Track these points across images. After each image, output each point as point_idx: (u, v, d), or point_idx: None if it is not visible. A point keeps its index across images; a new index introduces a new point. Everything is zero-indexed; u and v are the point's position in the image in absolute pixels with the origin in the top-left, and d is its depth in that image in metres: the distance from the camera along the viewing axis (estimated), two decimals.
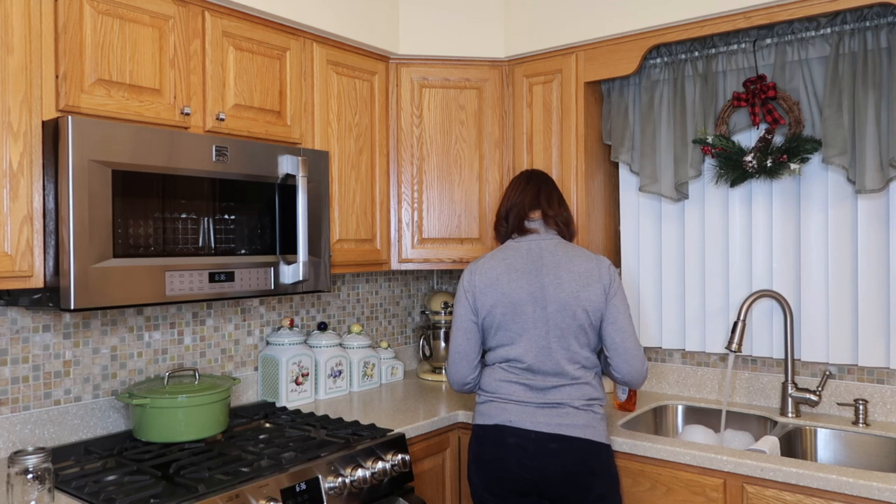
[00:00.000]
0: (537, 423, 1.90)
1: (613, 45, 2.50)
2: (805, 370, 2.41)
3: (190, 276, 1.87)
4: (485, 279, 2.02)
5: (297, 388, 2.53)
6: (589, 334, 1.95)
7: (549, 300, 1.94)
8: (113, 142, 1.71)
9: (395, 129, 2.71)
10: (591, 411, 1.92)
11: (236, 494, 1.64)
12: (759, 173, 2.33)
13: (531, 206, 2.07)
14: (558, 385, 1.92)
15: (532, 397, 1.93)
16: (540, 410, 1.92)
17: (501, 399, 1.97)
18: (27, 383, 1.96)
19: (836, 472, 1.76)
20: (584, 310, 1.93)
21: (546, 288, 1.95)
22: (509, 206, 2.11)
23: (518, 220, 2.08)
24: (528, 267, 1.99)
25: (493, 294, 1.99)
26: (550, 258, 1.99)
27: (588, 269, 1.97)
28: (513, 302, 1.97)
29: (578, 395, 1.92)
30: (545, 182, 2.13)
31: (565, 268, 1.97)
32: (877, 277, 2.23)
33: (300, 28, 2.31)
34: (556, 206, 2.08)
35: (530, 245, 2.03)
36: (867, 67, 2.15)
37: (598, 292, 1.95)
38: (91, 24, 1.76)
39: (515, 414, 1.93)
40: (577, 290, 1.94)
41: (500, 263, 2.03)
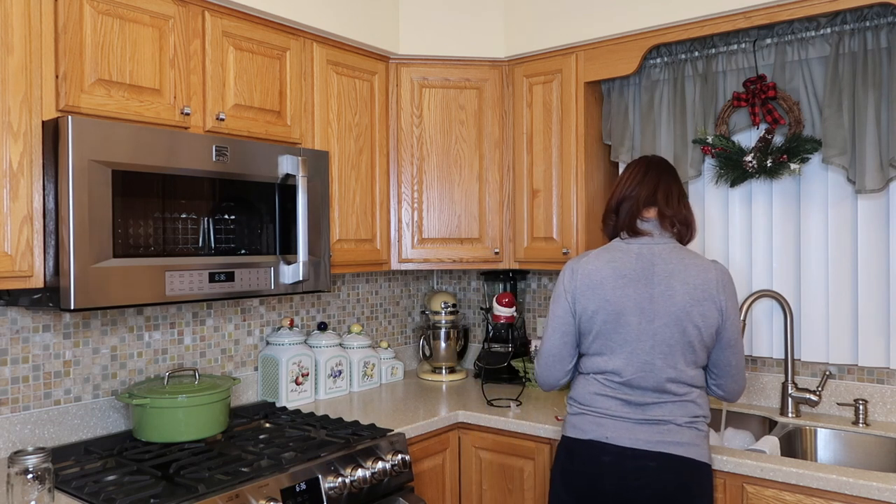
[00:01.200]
0: (636, 441, 1.76)
1: (613, 45, 2.50)
2: (805, 370, 2.41)
3: (190, 276, 1.87)
4: (587, 281, 1.85)
5: (297, 388, 2.53)
6: (698, 352, 1.79)
7: (657, 313, 1.77)
8: (113, 142, 1.71)
9: (395, 129, 2.71)
10: (695, 428, 1.78)
11: (236, 494, 1.64)
12: (759, 173, 2.33)
13: (646, 203, 1.86)
14: (659, 402, 1.78)
15: (630, 412, 1.78)
16: (639, 426, 1.77)
17: (596, 413, 1.82)
18: (27, 383, 1.96)
19: (836, 472, 1.76)
20: (695, 326, 1.77)
21: (655, 299, 1.78)
22: (622, 198, 1.90)
23: (630, 217, 1.87)
24: (638, 274, 1.81)
25: (596, 299, 1.82)
26: (663, 266, 1.81)
27: (705, 282, 1.79)
28: (617, 310, 1.80)
29: (682, 412, 1.77)
30: (666, 173, 1.90)
31: (679, 278, 1.79)
32: (877, 277, 2.23)
33: (300, 28, 2.31)
34: (675, 204, 1.86)
35: (641, 249, 1.84)
36: (867, 67, 2.15)
37: (713, 309, 1.78)
38: (91, 24, 1.76)
39: (612, 430, 1.79)
40: (690, 305, 1.77)
41: (605, 266, 1.85)
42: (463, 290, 3.33)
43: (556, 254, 2.63)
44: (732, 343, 1.83)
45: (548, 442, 2.25)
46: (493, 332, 3.01)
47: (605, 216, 1.96)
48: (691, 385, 1.80)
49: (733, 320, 1.82)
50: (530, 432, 2.27)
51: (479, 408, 2.46)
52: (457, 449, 2.43)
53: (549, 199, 2.65)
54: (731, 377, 1.86)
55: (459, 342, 3.04)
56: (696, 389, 1.81)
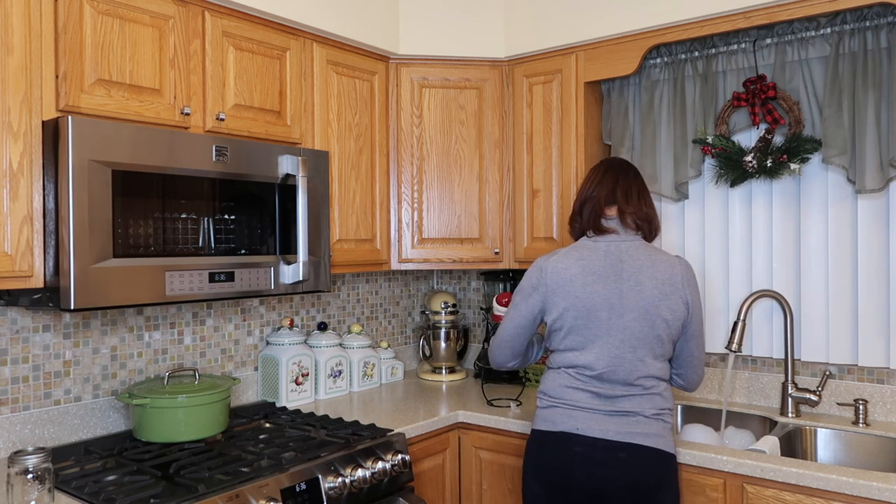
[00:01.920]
0: (606, 432, 1.81)
1: (613, 45, 2.50)
2: (805, 370, 2.41)
3: (190, 276, 1.87)
4: (557, 279, 1.89)
5: (297, 388, 2.53)
6: (665, 345, 1.86)
7: (627, 307, 1.83)
8: (113, 142, 1.71)
9: (395, 129, 2.71)
10: (661, 420, 1.84)
11: (236, 494, 1.64)
12: (759, 173, 2.33)
13: (607, 201, 1.93)
14: (628, 395, 1.83)
15: (600, 405, 1.84)
16: (609, 418, 1.82)
17: (567, 405, 1.87)
18: (27, 383, 1.96)
19: (836, 472, 1.76)
20: (664, 320, 1.84)
21: (625, 294, 1.84)
22: (584, 200, 1.97)
23: (593, 216, 1.93)
24: (607, 270, 1.87)
25: (566, 297, 1.87)
26: (631, 262, 1.87)
27: (671, 276, 1.86)
28: (587, 307, 1.85)
29: (649, 405, 1.83)
30: (624, 173, 1.97)
31: (647, 273, 1.85)
32: (877, 277, 2.23)
33: (300, 28, 2.31)
34: (634, 202, 1.92)
35: (609, 246, 1.90)
36: (867, 67, 2.15)
37: (679, 303, 1.86)
38: (91, 24, 1.76)
39: (583, 421, 1.84)
40: (659, 299, 1.83)
41: (575, 263, 1.90)
42: (463, 290, 3.33)
43: None
44: (696, 335, 1.92)
45: None
46: (493, 332, 3.01)
47: (571, 219, 2.02)
48: (658, 378, 1.87)
49: (697, 313, 1.91)
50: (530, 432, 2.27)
51: (479, 408, 2.46)
52: (457, 449, 2.43)
53: (549, 199, 2.65)
54: (692, 367, 1.95)
55: (459, 342, 3.04)
56: (663, 382, 1.88)
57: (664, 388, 1.88)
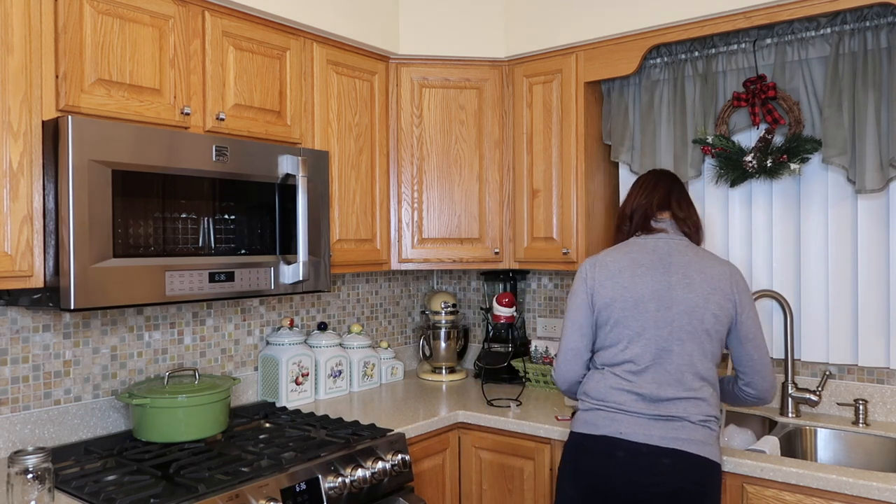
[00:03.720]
0: (650, 437, 1.74)
1: (613, 45, 2.50)
2: (805, 370, 2.41)
3: (190, 276, 1.87)
4: (606, 272, 1.89)
5: (297, 388, 2.53)
6: (714, 342, 1.81)
7: (675, 300, 1.80)
8: (113, 142, 1.71)
9: (395, 129, 2.71)
10: (707, 428, 1.77)
11: (236, 494, 1.64)
12: (759, 173, 2.33)
13: (660, 207, 1.95)
14: (674, 398, 1.77)
15: (645, 408, 1.77)
16: (654, 423, 1.76)
17: (611, 408, 1.81)
18: (27, 383, 1.96)
19: (836, 472, 1.76)
20: (713, 314, 1.80)
21: (674, 287, 1.82)
22: (635, 206, 1.98)
23: (644, 219, 1.95)
24: (656, 263, 1.86)
25: (614, 287, 1.86)
26: (680, 257, 1.86)
27: (720, 273, 1.84)
28: (635, 298, 1.83)
29: (696, 411, 1.76)
30: (676, 183, 2.01)
31: (696, 268, 1.84)
32: (877, 277, 2.23)
33: (300, 28, 2.31)
34: (686, 209, 1.97)
35: (657, 242, 1.90)
36: (867, 67, 2.15)
37: (728, 300, 1.82)
38: (91, 24, 1.76)
39: (626, 425, 1.77)
40: (708, 293, 1.81)
41: (623, 257, 1.90)
42: (463, 290, 3.33)
43: (556, 254, 2.63)
44: (751, 337, 1.86)
45: (548, 442, 2.25)
46: (493, 332, 3.01)
47: (620, 224, 2.03)
48: (704, 379, 1.80)
49: (749, 314, 1.85)
50: (530, 432, 2.27)
51: (479, 408, 2.46)
52: (457, 449, 2.43)
53: (549, 199, 2.65)
54: (757, 373, 1.88)
55: (459, 342, 3.04)
56: (709, 386, 1.81)
57: (710, 393, 1.80)
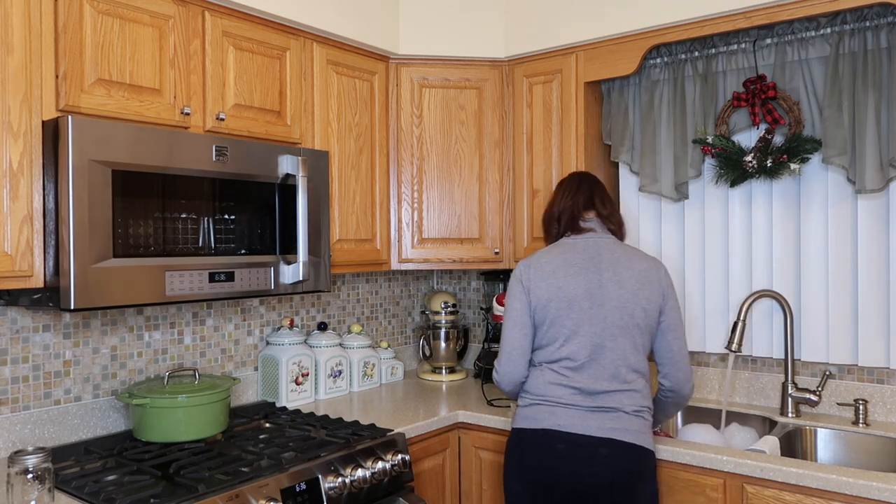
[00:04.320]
0: (588, 427, 1.83)
1: (613, 45, 2.50)
2: (805, 370, 2.41)
3: (190, 276, 1.87)
4: (540, 272, 1.96)
5: (297, 388, 2.53)
6: (644, 335, 1.90)
7: (607, 297, 1.89)
8: (113, 142, 1.71)
9: (395, 129, 2.71)
10: (641, 418, 1.87)
11: (236, 494, 1.64)
12: (759, 173, 2.33)
13: (586, 207, 2.04)
14: (610, 390, 1.85)
15: (582, 401, 1.86)
16: (591, 414, 1.84)
17: (549, 402, 1.89)
18: (27, 383, 1.96)
19: (836, 472, 1.76)
20: (642, 308, 1.89)
21: (605, 285, 1.90)
22: (562, 208, 2.07)
23: (572, 219, 2.04)
24: (587, 263, 1.94)
25: (549, 288, 1.93)
26: (609, 255, 1.95)
27: (647, 268, 1.94)
28: (568, 296, 1.90)
29: (630, 402, 1.86)
30: (598, 184, 2.10)
31: (625, 265, 1.93)
32: (877, 277, 2.23)
33: (300, 28, 2.31)
34: (609, 207, 2.06)
35: (587, 242, 1.98)
36: (867, 67, 2.15)
37: (657, 293, 1.92)
38: (91, 24, 1.76)
39: (565, 418, 1.85)
40: (637, 288, 1.90)
41: (557, 258, 1.97)
42: (463, 290, 3.33)
43: None
44: (673, 328, 1.94)
45: None
46: (493, 332, 3.01)
47: (548, 227, 2.12)
48: (637, 371, 1.89)
49: (673, 306, 1.95)
50: None
51: (479, 408, 2.46)
52: (457, 449, 2.43)
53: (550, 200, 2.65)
54: (674, 364, 1.95)
55: (459, 342, 3.04)
56: (642, 378, 1.90)
57: (643, 384, 1.90)
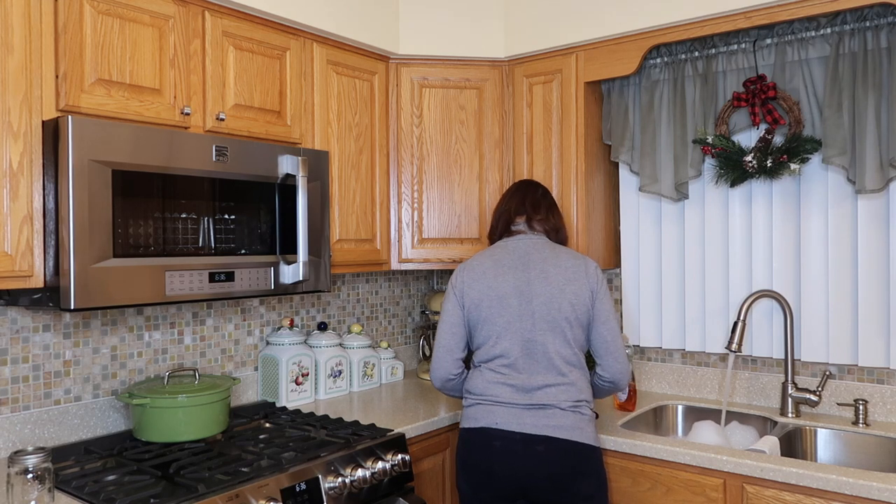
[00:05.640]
0: (524, 425, 1.89)
1: (613, 45, 2.50)
2: (805, 370, 2.41)
3: (190, 276, 1.87)
4: (472, 274, 2.05)
5: (297, 388, 2.53)
6: (574, 329, 1.96)
7: (534, 293, 1.96)
8: (113, 142, 1.71)
9: (395, 129, 2.71)
10: (578, 412, 1.91)
11: (236, 494, 1.64)
12: (759, 173, 2.33)
13: (517, 212, 2.14)
14: (544, 385, 1.92)
15: (519, 398, 1.92)
16: (527, 412, 1.91)
17: (488, 401, 1.96)
18: (27, 383, 1.96)
19: (836, 472, 1.76)
20: (569, 303, 1.95)
21: (532, 282, 1.98)
22: (499, 214, 2.18)
23: (505, 224, 2.15)
24: (516, 262, 2.02)
25: (480, 288, 2.02)
26: (537, 254, 2.03)
27: (574, 265, 2.01)
28: (499, 295, 1.99)
29: (565, 397, 1.92)
30: (532, 190, 2.19)
31: (552, 262, 2.01)
32: (877, 277, 2.23)
33: (300, 28, 2.31)
34: (543, 212, 2.14)
35: (517, 243, 2.07)
36: (867, 67, 2.15)
37: (584, 288, 1.98)
38: (91, 24, 1.76)
39: (502, 416, 1.92)
40: (563, 284, 1.97)
41: (487, 259, 2.07)
42: None
43: None
44: (605, 319, 1.99)
45: None
46: None
47: (490, 232, 2.22)
48: (571, 364, 1.95)
49: (603, 300, 2.00)
50: None
51: None
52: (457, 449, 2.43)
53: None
54: (610, 354, 1.99)
55: None
56: (577, 370, 1.96)
57: (578, 376, 1.95)
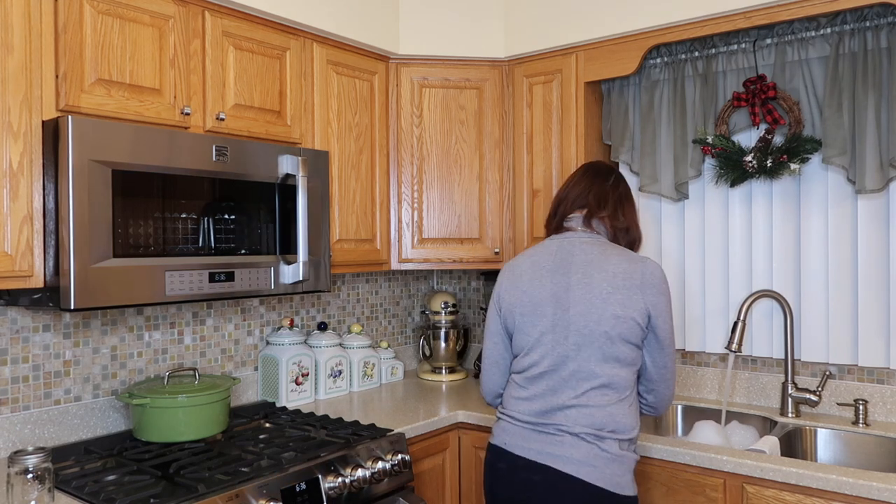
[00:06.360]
0: (529, 450, 1.64)
1: (613, 45, 2.50)
2: (805, 370, 2.41)
3: (190, 275, 1.87)
4: (510, 276, 1.80)
5: (297, 387, 2.53)
6: (617, 345, 1.62)
7: (573, 301, 1.66)
8: (113, 142, 1.71)
9: (395, 129, 2.71)
10: (596, 445, 1.58)
11: (236, 494, 1.64)
12: (759, 173, 2.33)
13: (576, 204, 1.81)
14: (565, 407, 1.62)
15: (532, 418, 1.66)
16: (534, 434, 1.64)
17: (506, 418, 1.74)
18: (27, 383, 1.96)
19: (836, 472, 1.76)
20: (613, 315, 1.62)
21: (572, 288, 1.67)
22: (559, 200, 1.85)
23: (561, 217, 1.83)
24: (556, 265, 1.72)
25: (514, 292, 1.76)
26: (582, 256, 1.71)
27: (627, 270, 1.66)
28: (533, 302, 1.71)
29: (585, 422, 1.59)
30: (601, 177, 1.84)
31: (597, 266, 1.67)
32: (877, 277, 2.23)
33: (300, 28, 2.31)
34: (610, 207, 1.79)
35: (562, 242, 1.77)
36: (867, 67, 2.15)
37: (636, 298, 1.63)
38: (91, 24, 1.76)
39: (511, 436, 1.69)
40: (608, 293, 1.63)
41: (526, 260, 1.80)
42: (463, 290, 3.33)
43: None
44: (665, 342, 1.69)
45: None
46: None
47: (547, 221, 1.89)
48: (608, 387, 1.62)
49: (664, 318, 1.67)
50: None
51: (479, 408, 2.45)
52: (457, 449, 2.43)
53: (549, 199, 2.65)
54: (664, 382, 1.72)
55: (459, 342, 3.04)
56: (611, 394, 1.62)
57: (610, 402, 1.62)
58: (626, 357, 1.65)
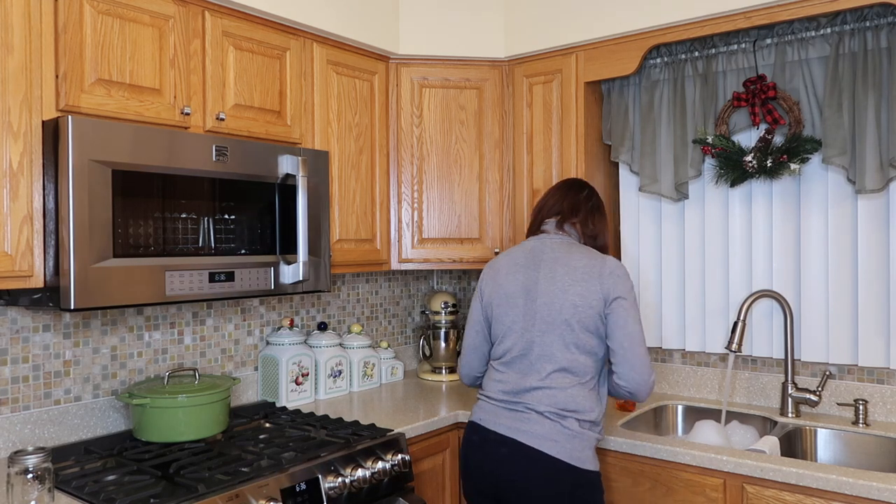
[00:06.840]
0: (499, 425, 1.85)
1: (613, 45, 2.50)
2: (805, 370, 2.41)
3: (190, 276, 1.87)
4: (490, 272, 2.05)
5: (297, 388, 2.53)
6: (578, 333, 1.83)
7: (539, 293, 1.89)
8: (113, 142, 1.71)
9: (395, 129, 2.71)
10: (558, 423, 1.78)
11: (236, 494, 1.64)
12: (759, 173, 2.33)
13: (550, 211, 2.05)
14: (532, 388, 1.84)
15: (504, 398, 1.88)
16: (505, 412, 1.86)
17: (483, 398, 1.96)
18: (27, 383, 1.96)
19: (836, 472, 1.76)
20: (572, 304, 1.83)
21: (539, 281, 1.91)
22: (539, 208, 2.09)
23: (539, 222, 2.07)
24: (528, 261, 1.97)
25: (493, 286, 2.00)
26: (551, 253, 1.94)
27: (587, 265, 1.87)
28: (507, 294, 1.96)
29: (548, 402, 1.81)
30: (575, 191, 2.06)
31: (562, 262, 1.91)
32: (877, 278, 2.23)
33: (300, 28, 2.31)
34: (581, 215, 2.02)
35: (535, 243, 2.01)
36: (867, 67, 2.15)
37: (594, 289, 1.83)
38: (91, 24, 1.76)
39: (485, 413, 1.91)
40: (569, 284, 1.86)
41: (504, 258, 2.04)
42: (463, 290, 3.33)
43: None
44: (621, 324, 1.82)
45: None
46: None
47: (527, 228, 2.13)
48: (565, 370, 1.83)
49: (622, 304, 1.83)
50: None
51: None
52: (457, 449, 2.43)
53: None
54: (626, 362, 1.82)
55: (459, 342, 3.04)
56: (571, 377, 1.83)
57: (570, 384, 1.82)
58: (586, 345, 1.85)
